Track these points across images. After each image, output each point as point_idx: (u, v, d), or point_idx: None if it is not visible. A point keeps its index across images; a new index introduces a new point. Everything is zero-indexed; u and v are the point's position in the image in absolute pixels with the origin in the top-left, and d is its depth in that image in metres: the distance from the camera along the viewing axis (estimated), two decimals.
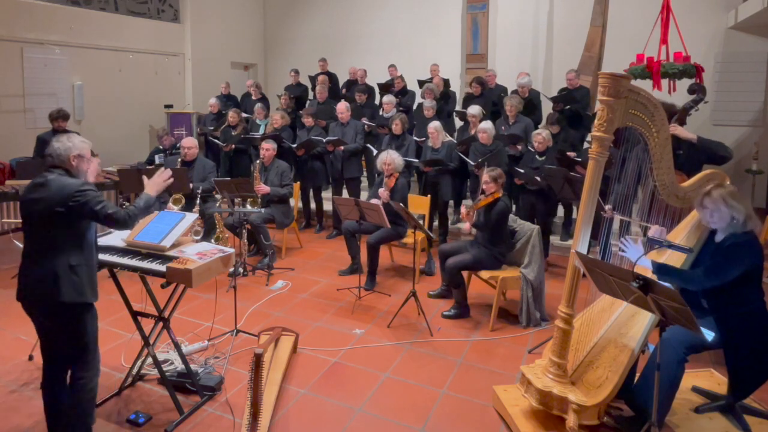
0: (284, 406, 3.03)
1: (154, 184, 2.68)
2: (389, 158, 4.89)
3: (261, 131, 7.03)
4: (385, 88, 7.82)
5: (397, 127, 5.93)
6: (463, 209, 4.14)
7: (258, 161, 5.46)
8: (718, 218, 2.59)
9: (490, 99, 7.01)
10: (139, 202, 2.58)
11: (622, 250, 2.78)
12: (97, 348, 2.55)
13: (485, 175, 4.11)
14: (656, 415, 2.35)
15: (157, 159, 6.92)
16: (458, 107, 7.58)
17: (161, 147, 7.06)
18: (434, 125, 5.75)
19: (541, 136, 5.21)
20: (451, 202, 6.16)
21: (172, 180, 2.78)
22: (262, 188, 5.26)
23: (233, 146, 6.92)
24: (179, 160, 5.39)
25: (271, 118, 6.94)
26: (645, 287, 2.19)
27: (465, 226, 4.22)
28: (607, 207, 3.56)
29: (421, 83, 7.64)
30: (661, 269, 2.60)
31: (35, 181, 2.42)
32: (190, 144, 5.37)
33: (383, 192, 4.77)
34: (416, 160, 5.80)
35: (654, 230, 2.91)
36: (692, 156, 3.76)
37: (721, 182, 2.76)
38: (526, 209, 5.37)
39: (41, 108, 7.32)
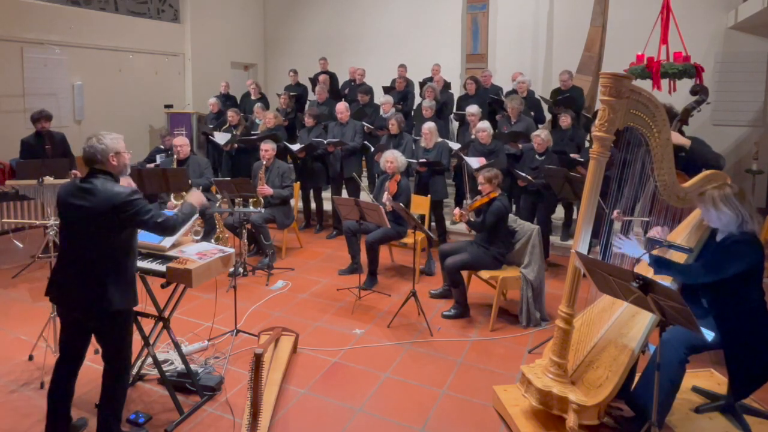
0: (284, 406, 3.03)
1: (198, 198, 2.76)
2: (392, 156, 4.91)
3: None
4: (388, 91, 7.79)
5: (393, 127, 5.93)
6: (456, 211, 4.07)
7: (263, 163, 5.47)
8: (707, 219, 2.61)
9: (485, 98, 6.99)
10: (185, 209, 2.62)
11: (618, 247, 2.77)
12: (132, 344, 2.61)
13: (480, 177, 4.11)
14: (656, 415, 2.35)
15: (158, 158, 6.93)
16: (453, 108, 7.53)
17: (162, 147, 7.08)
18: (428, 126, 5.74)
19: (540, 137, 5.23)
20: (451, 202, 6.13)
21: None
22: (266, 190, 5.27)
23: (234, 145, 6.93)
24: (174, 158, 5.53)
25: (265, 117, 6.94)
26: (645, 287, 2.19)
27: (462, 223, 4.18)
28: (616, 212, 3.44)
29: (422, 83, 7.62)
30: (657, 261, 2.60)
31: (80, 185, 2.37)
32: (182, 142, 5.54)
33: (387, 198, 4.77)
34: (413, 161, 5.80)
35: (655, 231, 2.90)
36: (689, 159, 3.73)
37: (721, 183, 2.69)
38: (527, 209, 5.38)
39: (41, 108, 7.31)
